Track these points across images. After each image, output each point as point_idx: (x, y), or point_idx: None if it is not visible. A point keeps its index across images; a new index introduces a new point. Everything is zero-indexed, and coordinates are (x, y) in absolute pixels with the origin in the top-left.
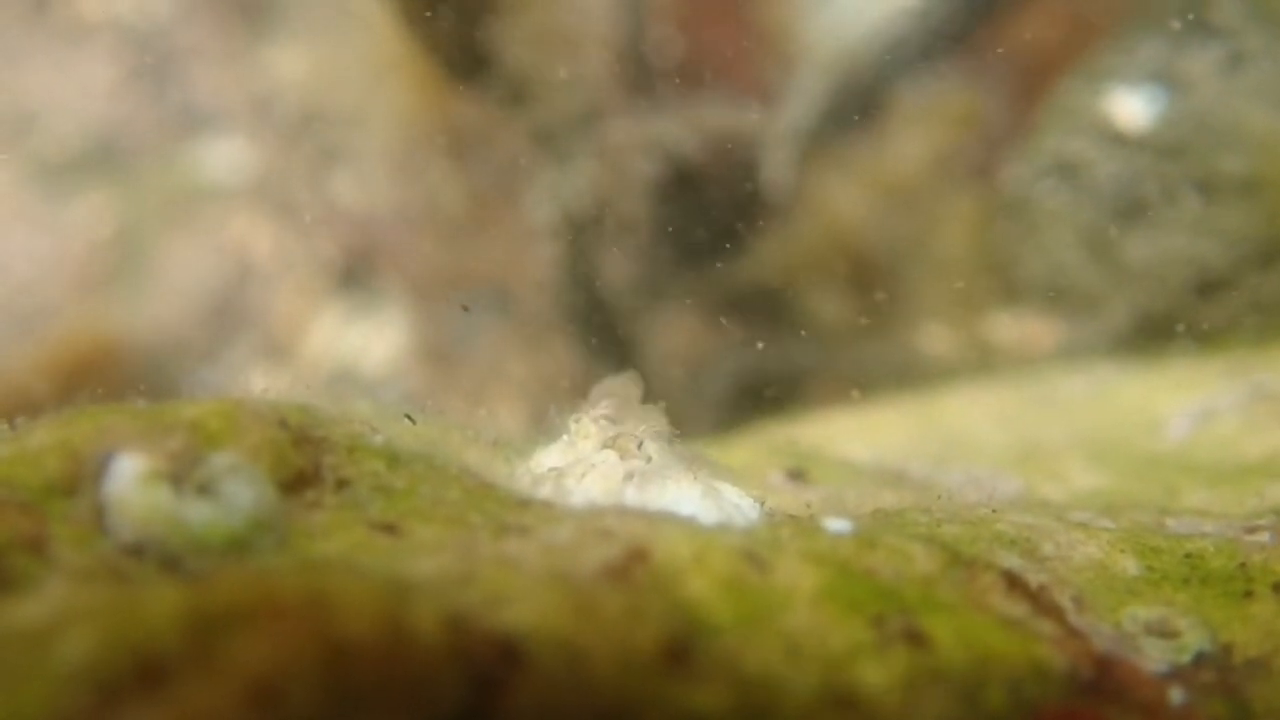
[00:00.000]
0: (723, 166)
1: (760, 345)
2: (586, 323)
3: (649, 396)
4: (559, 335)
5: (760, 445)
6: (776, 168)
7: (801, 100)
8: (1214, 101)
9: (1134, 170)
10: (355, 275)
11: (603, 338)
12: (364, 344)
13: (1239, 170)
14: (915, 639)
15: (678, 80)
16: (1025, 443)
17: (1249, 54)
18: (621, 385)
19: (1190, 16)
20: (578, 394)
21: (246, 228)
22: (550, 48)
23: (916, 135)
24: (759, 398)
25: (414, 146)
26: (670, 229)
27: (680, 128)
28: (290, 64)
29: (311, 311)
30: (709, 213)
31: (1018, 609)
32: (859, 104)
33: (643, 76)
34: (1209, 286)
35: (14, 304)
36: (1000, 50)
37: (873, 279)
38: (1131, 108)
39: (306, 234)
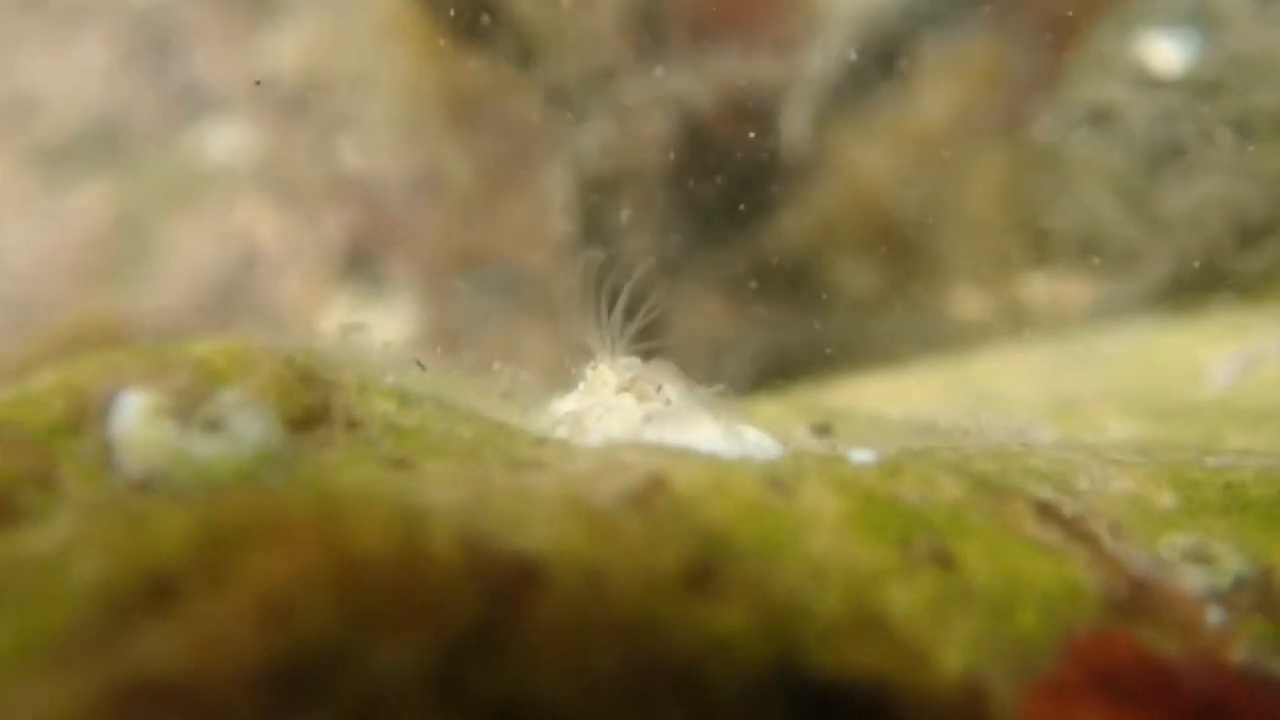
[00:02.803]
0: (740, 125)
1: (785, 317)
2: (604, 299)
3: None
4: (575, 313)
5: (786, 405)
6: (797, 126)
7: (823, 54)
8: (1249, 39)
9: (1169, 113)
10: (363, 259)
11: (623, 315)
12: (374, 330)
13: (1276, 106)
14: (943, 561)
15: (692, 33)
16: (1060, 398)
17: None
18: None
19: None
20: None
21: (251, 213)
22: (559, 1)
23: (942, 89)
24: (785, 374)
25: (421, 114)
26: (688, 194)
27: (696, 83)
28: (291, 36)
29: (319, 298)
30: (728, 176)
31: (1050, 535)
32: (883, 58)
33: (656, 29)
34: (1249, 233)
35: (14, 295)
36: None
37: (900, 242)
38: (1165, 50)
39: (312, 217)
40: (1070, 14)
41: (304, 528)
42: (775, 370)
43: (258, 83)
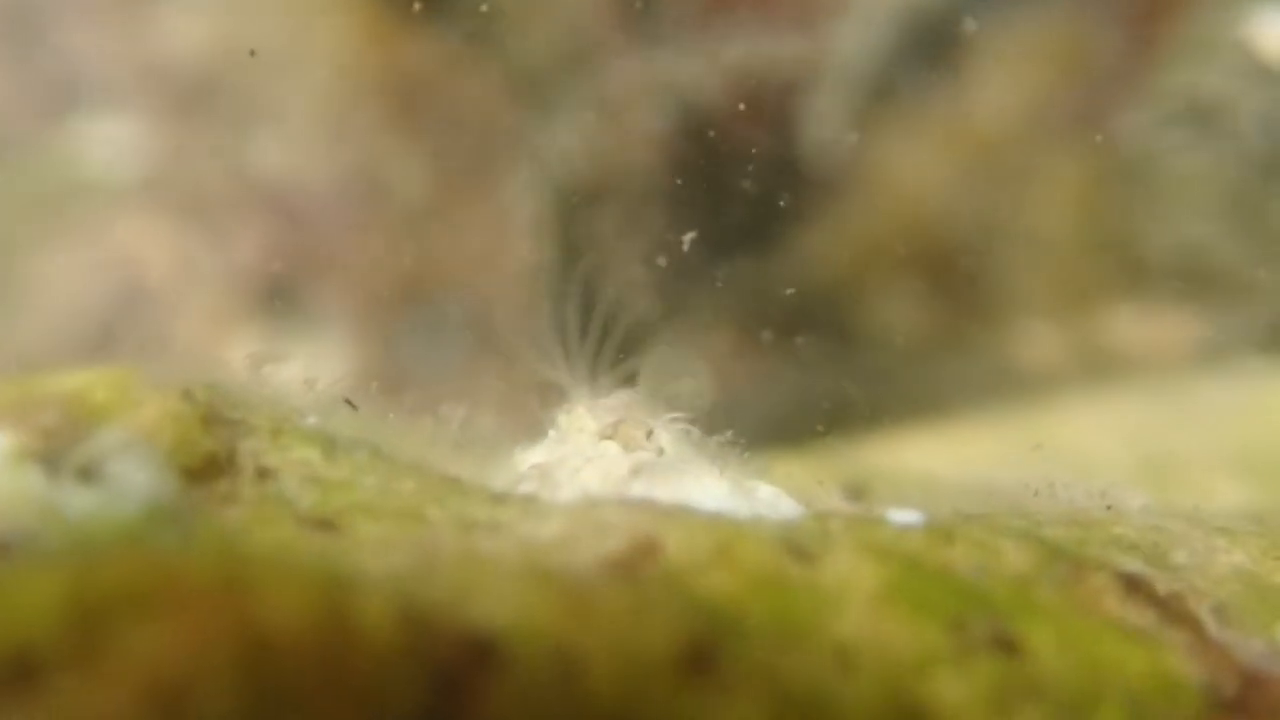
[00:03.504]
0: (756, 121)
1: (811, 364)
2: (584, 333)
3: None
4: (547, 354)
5: (811, 462)
6: (826, 123)
7: (858, 34)
8: None
9: None
10: (282, 288)
11: (606, 357)
12: (296, 377)
13: None
14: (1006, 646)
15: (697, 6)
16: (1155, 458)
17: None
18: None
19: None
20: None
21: (140, 231)
22: None
23: (1007, 79)
24: (811, 427)
25: (356, 105)
26: (690, 208)
27: (700, 68)
28: (194, 9)
29: (226, 339)
30: (740, 185)
31: (1140, 617)
32: (933, 39)
33: (651, 1)
34: None
35: None
36: None
37: (954, 269)
38: None
39: (218, 236)
40: None
41: (203, 597)
42: (798, 422)
43: (252, 52)
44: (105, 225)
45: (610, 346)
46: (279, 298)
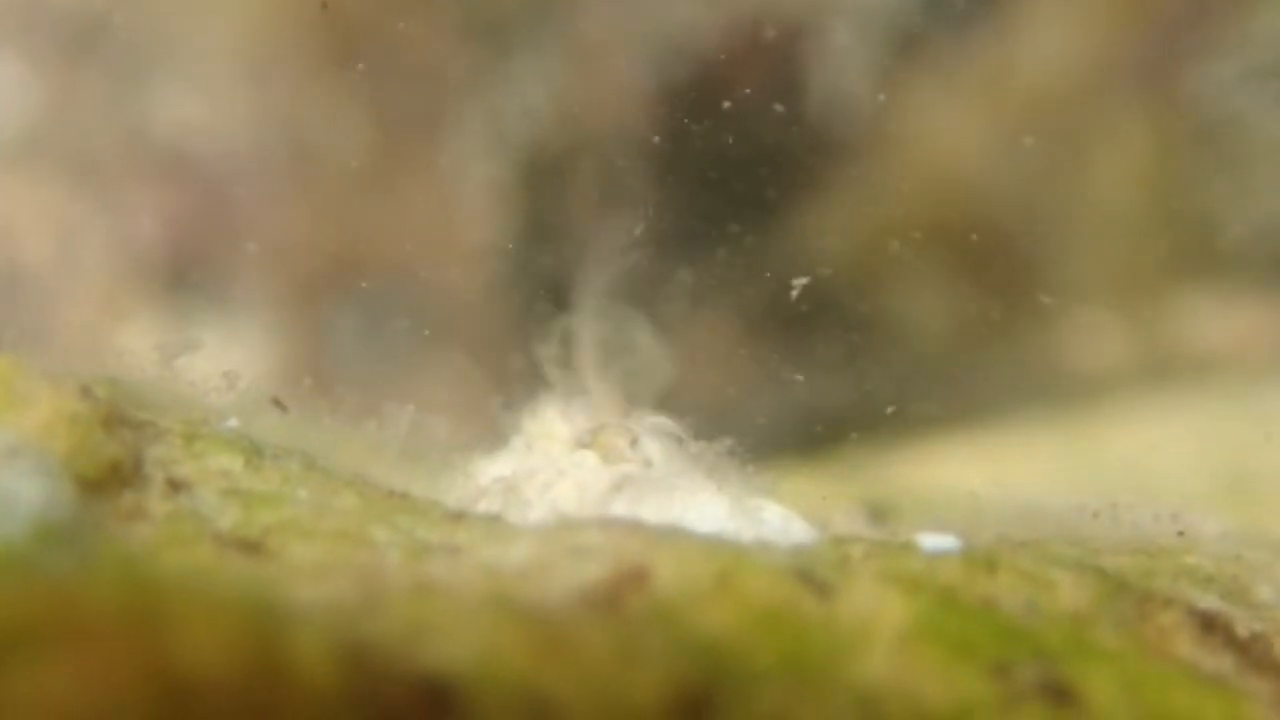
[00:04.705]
0: (760, 73)
1: (825, 361)
2: (548, 328)
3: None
4: (509, 347)
5: (826, 475)
6: (844, 75)
7: None
8: None
9: None
10: (189, 266)
11: (580, 351)
12: (213, 372)
13: None
14: (1059, 696)
15: None
16: (1235, 475)
17: None
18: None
19: None
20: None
21: (17, 198)
22: None
23: (1062, 24)
24: (826, 433)
25: (277, 52)
26: (682, 174)
27: (692, 7)
28: None
29: (120, 327)
30: (741, 148)
31: (1217, 661)
32: None
33: None
34: None
35: None
36: None
37: (996, 249)
38: None
39: (111, 204)
40: None
41: (107, 633)
42: (811, 429)
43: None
44: None
45: (585, 339)
46: (185, 278)
